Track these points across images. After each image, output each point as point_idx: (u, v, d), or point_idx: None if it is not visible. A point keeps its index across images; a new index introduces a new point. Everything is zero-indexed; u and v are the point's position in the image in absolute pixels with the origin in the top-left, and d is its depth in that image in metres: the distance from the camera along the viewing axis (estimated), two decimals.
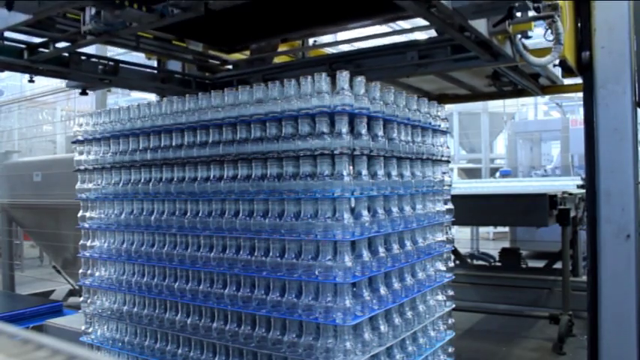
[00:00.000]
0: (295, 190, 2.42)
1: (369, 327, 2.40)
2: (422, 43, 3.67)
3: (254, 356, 2.56)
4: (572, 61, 3.90)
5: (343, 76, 2.42)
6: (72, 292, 8.64)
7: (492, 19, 2.99)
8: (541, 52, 3.46)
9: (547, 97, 13.35)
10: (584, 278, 5.32)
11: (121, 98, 14.65)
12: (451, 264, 3.22)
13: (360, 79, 2.50)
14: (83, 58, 3.60)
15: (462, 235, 12.65)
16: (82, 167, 3.51)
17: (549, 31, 3.26)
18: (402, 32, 5.02)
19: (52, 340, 0.87)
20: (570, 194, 6.51)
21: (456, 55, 3.50)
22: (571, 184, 8.81)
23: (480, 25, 2.85)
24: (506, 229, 12.87)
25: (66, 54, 3.43)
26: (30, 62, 3.37)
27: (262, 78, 4.14)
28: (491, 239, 15.99)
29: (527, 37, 3.19)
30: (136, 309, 3.09)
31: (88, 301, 3.39)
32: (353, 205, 2.39)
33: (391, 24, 5.13)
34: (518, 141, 18.18)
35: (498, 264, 8.06)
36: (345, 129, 2.35)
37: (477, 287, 7.15)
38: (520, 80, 4.60)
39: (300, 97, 2.49)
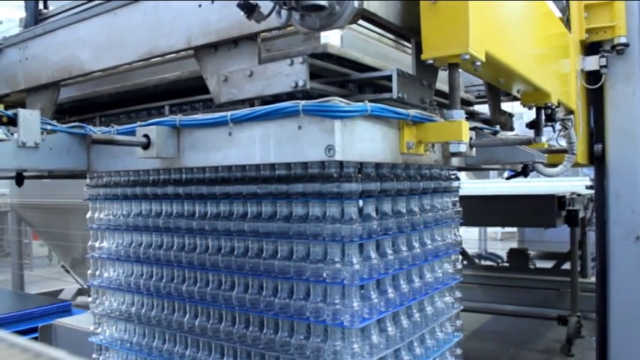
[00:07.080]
0: (303, 192, 2.42)
1: (376, 329, 2.40)
2: None
3: (262, 358, 2.57)
4: (582, 155, 3.85)
5: None
6: (80, 292, 8.71)
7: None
8: (554, 157, 3.32)
9: None
10: (593, 279, 5.29)
11: None
12: (459, 265, 3.21)
13: None
14: None
15: (469, 235, 12.63)
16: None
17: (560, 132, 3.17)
18: None
19: (49, 348, 0.87)
20: (579, 195, 6.49)
21: None
22: (580, 184, 8.75)
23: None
24: (515, 229, 12.82)
25: None
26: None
27: None
28: (499, 239, 15.96)
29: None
30: (144, 310, 3.10)
31: (97, 301, 3.40)
32: (361, 206, 2.38)
33: None
34: None
35: (506, 264, 8.04)
36: None
37: (484, 288, 7.13)
38: None
39: None
